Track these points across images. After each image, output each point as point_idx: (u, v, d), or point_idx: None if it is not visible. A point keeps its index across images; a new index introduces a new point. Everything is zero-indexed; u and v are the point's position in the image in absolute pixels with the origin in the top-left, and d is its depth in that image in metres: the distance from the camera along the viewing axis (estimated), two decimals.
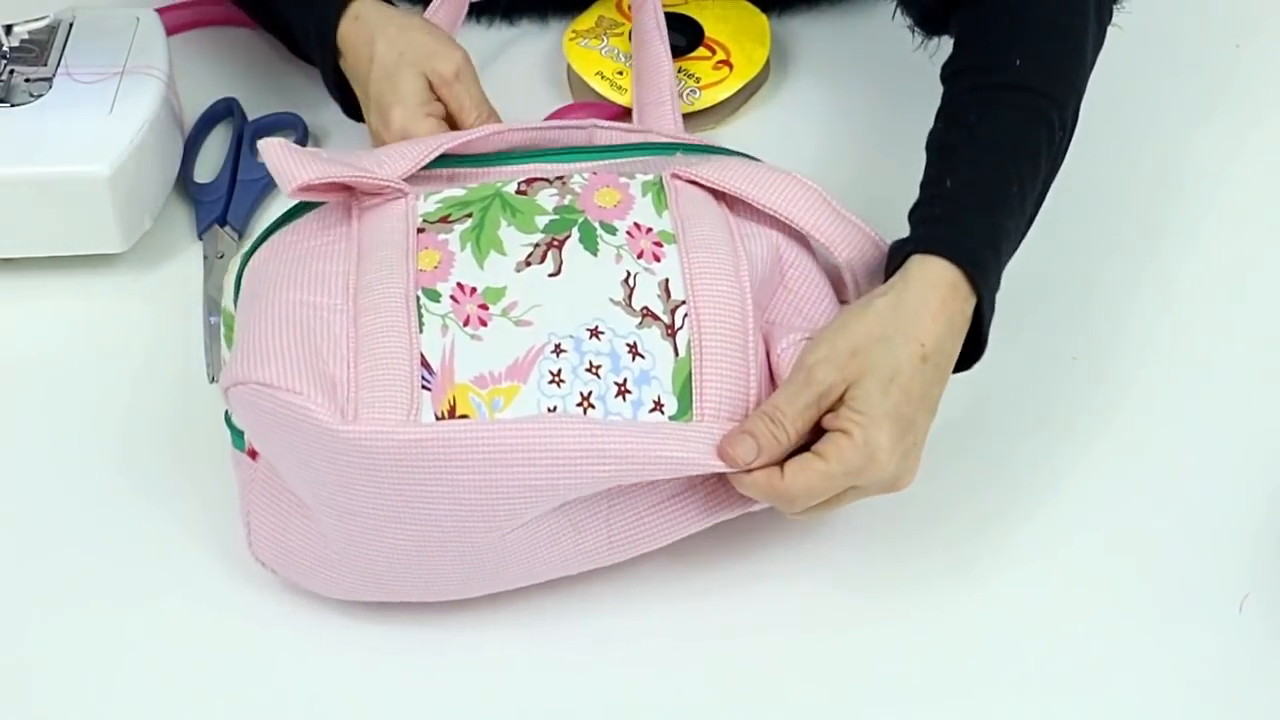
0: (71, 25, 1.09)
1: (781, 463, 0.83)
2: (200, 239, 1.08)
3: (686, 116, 1.14)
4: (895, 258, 0.89)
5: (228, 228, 1.08)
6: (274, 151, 0.89)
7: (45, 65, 1.07)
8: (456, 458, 0.80)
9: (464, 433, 0.80)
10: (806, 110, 1.18)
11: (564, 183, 0.90)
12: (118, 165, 1.01)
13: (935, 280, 0.86)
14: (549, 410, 0.82)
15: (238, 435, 0.87)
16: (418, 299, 0.85)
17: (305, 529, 0.86)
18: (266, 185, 1.10)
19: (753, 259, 0.89)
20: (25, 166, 1.02)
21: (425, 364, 0.82)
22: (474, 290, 0.85)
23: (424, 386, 0.82)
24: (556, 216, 0.88)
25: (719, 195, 0.92)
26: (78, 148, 1.02)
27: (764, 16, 1.20)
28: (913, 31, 1.08)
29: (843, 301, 0.94)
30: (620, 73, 1.16)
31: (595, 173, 0.92)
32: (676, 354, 0.84)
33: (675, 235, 0.88)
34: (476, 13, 1.21)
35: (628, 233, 0.88)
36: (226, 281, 0.94)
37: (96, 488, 0.94)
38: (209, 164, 1.13)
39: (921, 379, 0.84)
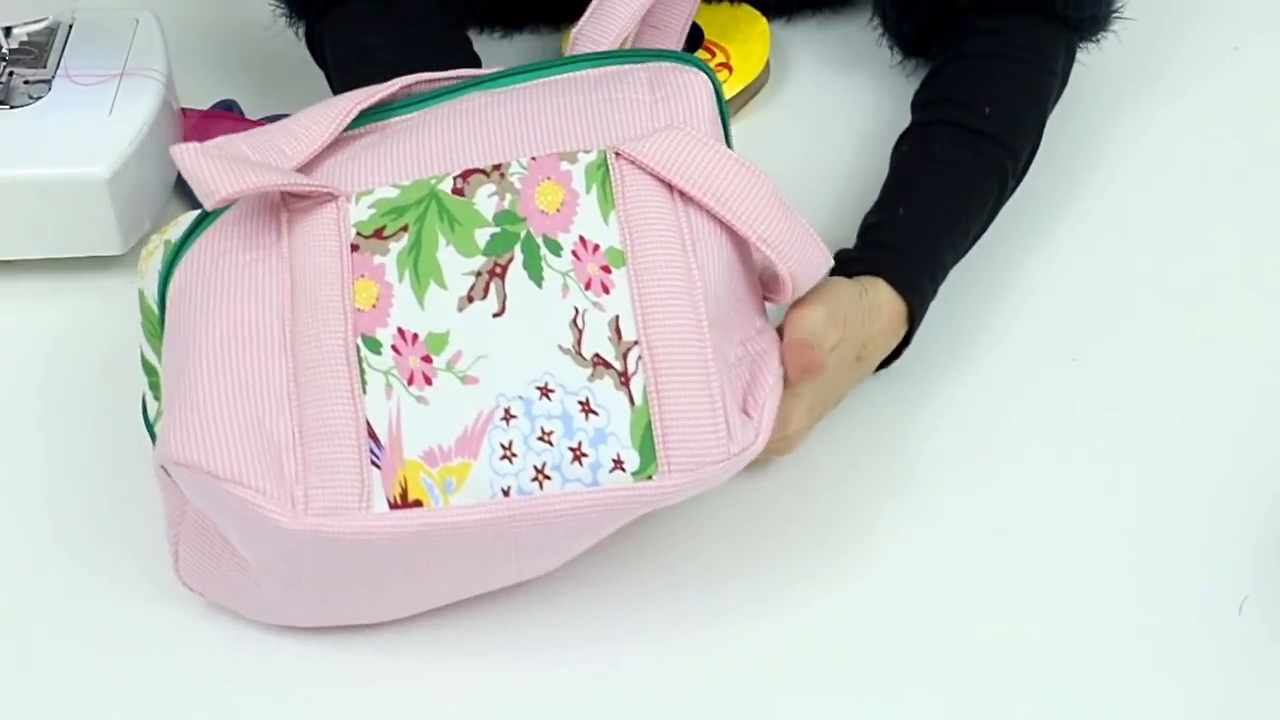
0: (71, 27, 1.09)
1: None
2: None
3: None
4: (849, 266, 0.95)
5: None
6: (189, 160, 0.83)
7: (44, 67, 1.07)
8: (411, 546, 0.80)
9: (418, 523, 0.79)
10: (805, 113, 1.18)
11: (502, 176, 0.85)
12: (117, 167, 1.01)
13: (888, 301, 0.94)
14: (503, 492, 0.79)
15: None
16: (358, 349, 0.81)
17: (239, 575, 0.84)
18: None
19: (705, 269, 0.84)
20: (24, 168, 1.02)
21: (372, 434, 0.80)
22: (416, 338, 0.82)
23: (373, 463, 0.79)
24: (498, 229, 0.84)
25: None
26: (77, 149, 1.02)
27: (764, 20, 1.20)
28: (892, 50, 1.15)
29: (768, 299, 0.89)
30: None
31: (534, 158, 0.86)
32: (632, 403, 0.81)
33: (624, 253, 0.84)
34: (491, 24, 1.22)
35: (574, 253, 0.84)
36: (147, 267, 0.87)
37: (97, 488, 0.94)
38: None
39: (849, 376, 0.94)
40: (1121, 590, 0.90)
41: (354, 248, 0.84)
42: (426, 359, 0.81)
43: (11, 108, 1.05)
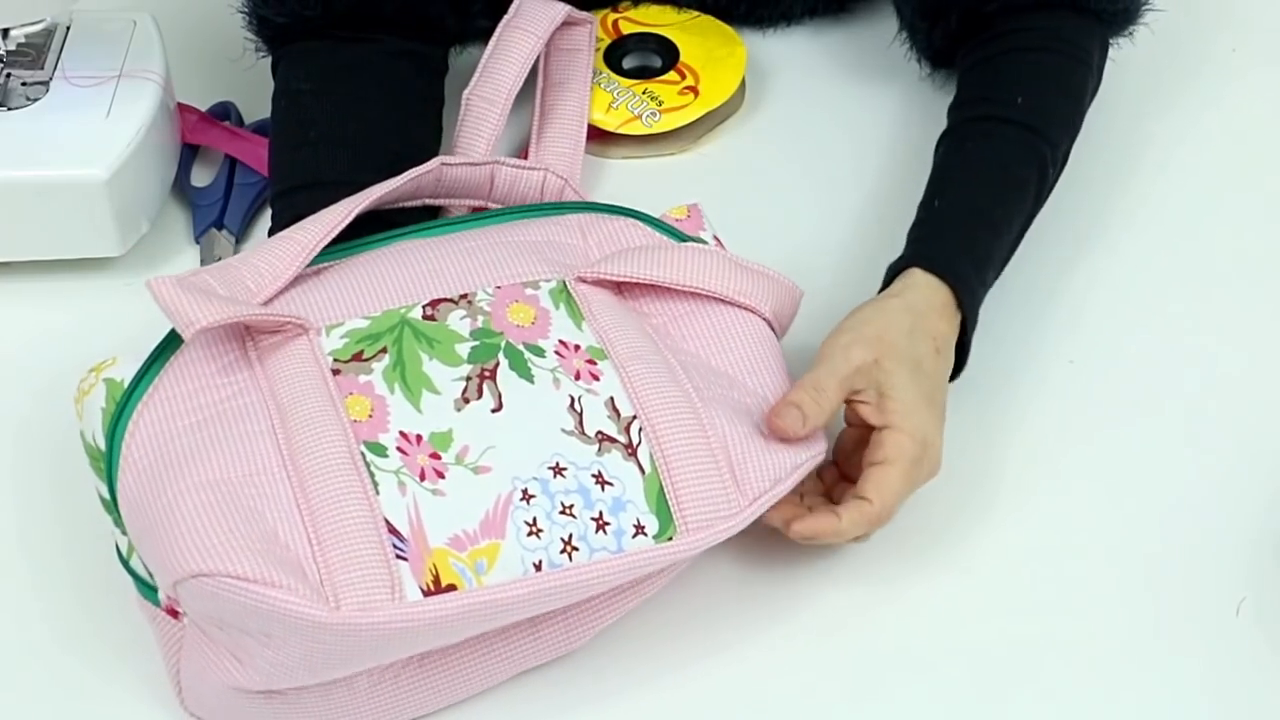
0: (68, 29, 1.09)
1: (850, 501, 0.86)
2: (197, 243, 1.08)
3: (646, 139, 1.14)
4: (891, 272, 0.95)
5: (224, 231, 1.09)
6: (166, 292, 0.82)
7: (42, 69, 1.07)
8: (447, 629, 0.78)
9: (455, 606, 0.77)
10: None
11: (470, 302, 0.86)
12: (115, 169, 1.01)
13: (934, 289, 0.93)
14: (535, 566, 0.79)
15: (148, 588, 0.82)
16: (363, 455, 0.80)
17: (250, 692, 0.81)
18: (263, 189, 1.11)
19: (679, 358, 0.88)
20: (22, 170, 1.01)
21: (393, 530, 0.78)
22: (420, 438, 0.81)
23: (399, 556, 0.77)
24: (477, 343, 0.85)
25: (620, 288, 0.91)
26: (75, 151, 1.02)
27: (743, 47, 1.19)
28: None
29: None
30: None
31: (499, 287, 0.87)
32: (643, 472, 0.83)
33: (604, 349, 0.86)
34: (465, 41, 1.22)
35: (557, 353, 0.85)
36: (85, 404, 0.83)
37: (94, 494, 0.94)
38: (206, 168, 1.13)
39: (938, 368, 0.91)
40: (1118, 592, 0.90)
41: (335, 372, 0.83)
42: (434, 455, 0.81)
43: (9, 109, 1.05)
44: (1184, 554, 0.92)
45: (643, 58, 1.19)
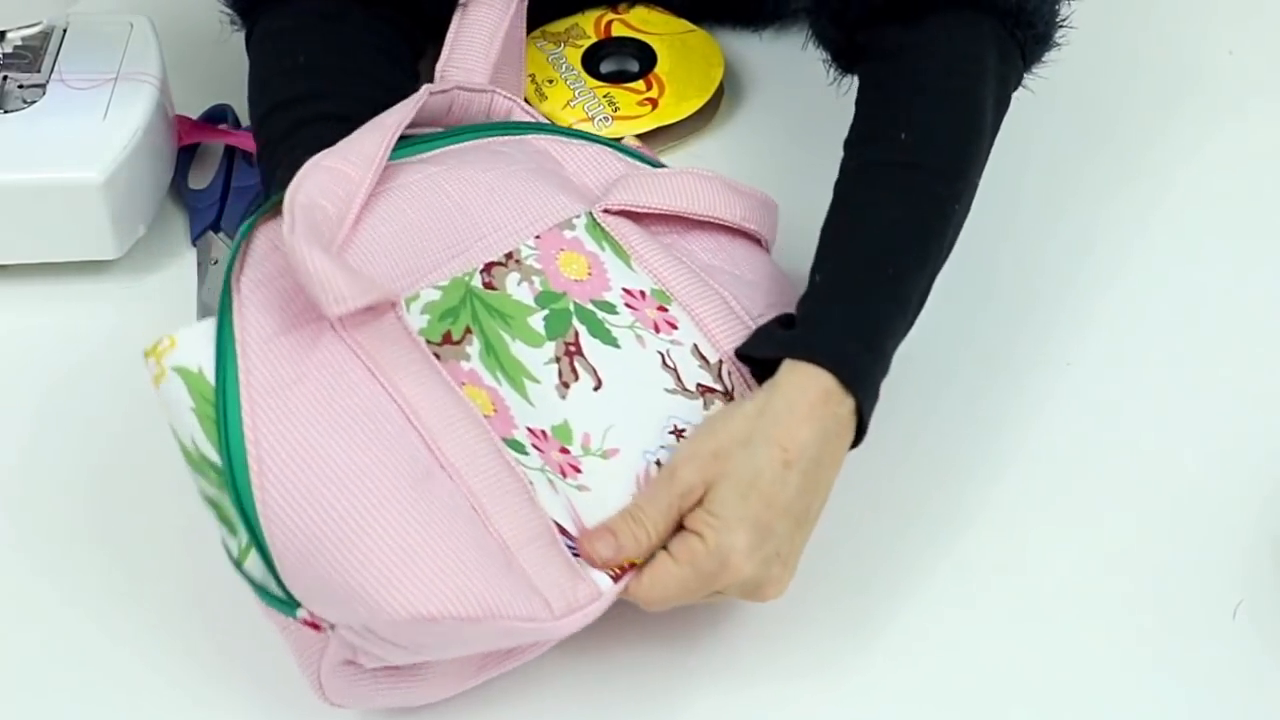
0: (65, 31, 1.09)
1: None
2: (194, 245, 1.08)
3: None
4: (764, 342, 0.87)
5: (221, 234, 1.09)
6: (317, 260, 0.77)
7: (39, 71, 1.07)
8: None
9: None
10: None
11: (518, 262, 0.86)
12: (111, 171, 1.01)
13: (804, 385, 0.82)
14: None
15: (274, 599, 0.77)
16: (509, 454, 0.80)
17: (400, 672, 0.81)
18: (260, 192, 1.10)
19: (719, 281, 0.90)
20: (18, 173, 1.01)
21: (562, 531, 0.79)
22: (545, 434, 0.81)
23: (576, 555, 0.78)
24: (546, 311, 0.85)
25: (637, 217, 0.91)
26: (71, 154, 1.02)
27: (721, 67, 1.16)
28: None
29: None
30: (551, 80, 1.15)
31: (539, 236, 0.87)
32: None
33: (666, 292, 0.88)
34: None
35: (627, 305, 0.87)
36: (163, 390, 0.77)
37: (91, 500, 0.94)
38: (203, 170, 1.13)
39: (784, 485, 0.80)
40: (1115, 595, 0.90)
41: (436, 356, 0.82)
42: (564, 450, 0.81)
43: (5, 112, 1.05)
44: (1181, 557, 0.92)
45: (620, 62, 1.18)
